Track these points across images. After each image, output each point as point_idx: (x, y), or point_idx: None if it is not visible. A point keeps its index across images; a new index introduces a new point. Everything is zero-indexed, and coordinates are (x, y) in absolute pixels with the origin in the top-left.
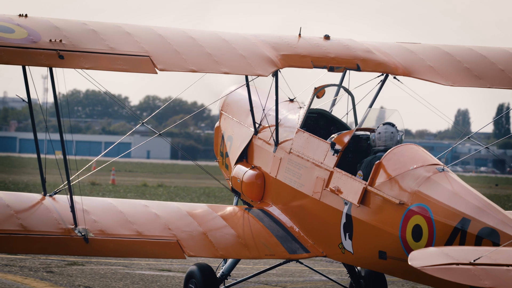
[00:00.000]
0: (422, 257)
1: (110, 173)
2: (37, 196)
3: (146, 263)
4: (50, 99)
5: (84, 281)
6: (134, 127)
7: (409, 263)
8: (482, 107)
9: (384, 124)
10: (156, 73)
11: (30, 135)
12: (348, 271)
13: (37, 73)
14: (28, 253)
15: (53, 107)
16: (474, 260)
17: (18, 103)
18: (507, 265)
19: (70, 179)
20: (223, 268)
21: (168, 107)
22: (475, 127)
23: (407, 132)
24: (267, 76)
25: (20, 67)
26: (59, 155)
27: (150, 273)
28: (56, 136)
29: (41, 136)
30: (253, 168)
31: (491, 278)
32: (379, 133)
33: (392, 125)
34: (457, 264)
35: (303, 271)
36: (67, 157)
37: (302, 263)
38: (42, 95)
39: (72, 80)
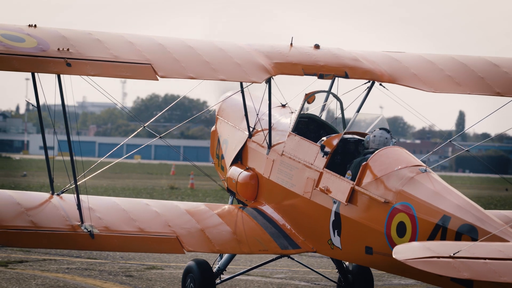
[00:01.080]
0: (405, 251)
1: (189, 178)
2: (46, 195)
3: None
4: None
5: (163, 285)
6: None
7: (394, 256)
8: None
9: (380, 129)
10: (157, 79)
11: (109, 139)
12: (337, 266)
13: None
14: (37, 248)
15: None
16: (454, 254)
17: (97, 107)
18: (484, 259)
19: (77, 178)
20: (219, 263)
21: None
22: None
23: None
24: (261, 82)
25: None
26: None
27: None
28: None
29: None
30: (247, 169)
31: (469, 270)
32: (375, 136)
33: (388, 131)
34: (438, 257)
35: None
36: (74, 157)
37: (293, 259)
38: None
39: (151, 86)
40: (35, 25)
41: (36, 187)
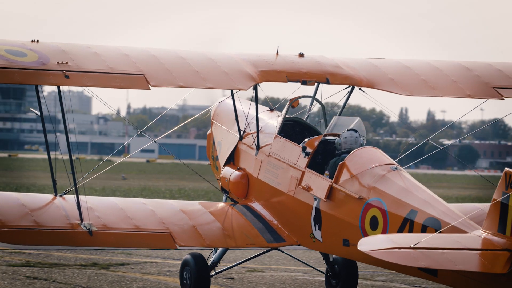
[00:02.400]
0: (369, 243)
1: None
2: (49, 196)
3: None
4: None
5: None
6: None
7: (358, 248)
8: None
9: (348, 130)
10: (149, 89)
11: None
12: (324, 258)
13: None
14: (40, 245)
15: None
16: (414, 245)
17: (197, 110)
18: (442, 249)
19: (77, 181)
20: (214, 256)
21: (347, 113)
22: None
23: None
24: (246, 89)
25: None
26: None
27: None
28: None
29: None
30: (238, 169)
31: (427, 259)
32: (345, 137)
33: (355, 130)
34: (399, 248)
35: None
36: (73, 159)
37: (283, 251)
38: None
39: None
40: (37, 40)
41: (137, 190)
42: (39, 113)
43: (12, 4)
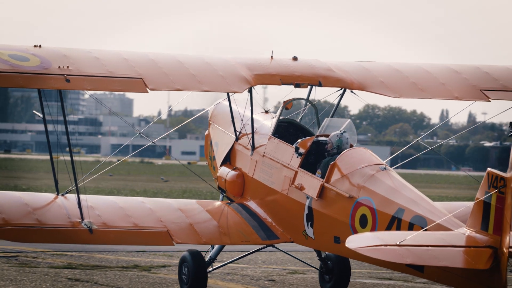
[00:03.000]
0: (357, 240)
1: None
2: (51, 196)
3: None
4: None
5: None
6: None
7: (346, 245)
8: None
9: (341, 131)
10: (148, 92)
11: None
12: (317, 254)
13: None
14: (42, 243)
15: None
16: (400, 242)
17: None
18: (427, 246)
19: (78, 181)
20: (211, 253)
21: (388, 115)
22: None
23: None
24: (241, 92)
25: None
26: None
27: (371, 281)
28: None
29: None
30: (234, 169)
31: (412, 256)
32: (336, 139)
33: (345, 132)
34: (386, 245)
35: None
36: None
37: (277, 248)
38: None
39: None
40: (40, 45)
41: (178, 192)
42: (41, 116)
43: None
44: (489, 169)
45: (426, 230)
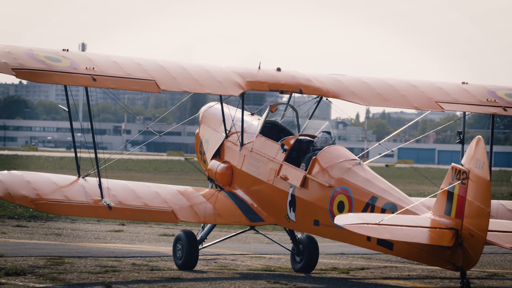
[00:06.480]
0: (344, 219)
1: None
2: (73, 177)
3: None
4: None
5: None
6: None
7: (335, 222)
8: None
9: (323, 132)
10: (160, 92)
11: (448, 147)
12: (291, 238)
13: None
14: (69, 215)
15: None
16: (379, 222)
17: (436, 115)
18: (400, 226)
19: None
20: (202, 233)
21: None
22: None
23: None
24: (237, 96)
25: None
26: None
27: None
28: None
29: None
30: (224, 162)
31: (389, 233)
32: (320, 137)
33: (328, 132)
34: (367, 224)
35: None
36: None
37: (257, 231)
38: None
39: None
40: (67, 49)
41: None
42: (66, 109)
43: None
44: (453, 164)
45: (398, 213)
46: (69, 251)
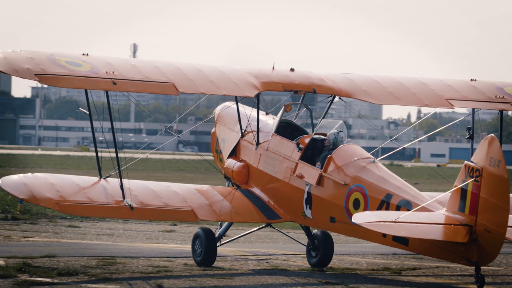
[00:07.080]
0: (361, 217)
1: None
2: (95, 179)
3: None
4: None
5: None
6: None
7: (353, 221)
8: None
9: (337, 131)
10: (178, 94)
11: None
12: (306, 234)
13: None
14: (92, 216)
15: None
16: (395, 219)
17: (488, 114)
18: (416, 223)
19: (120, 166)
20: (219, 231)
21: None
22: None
23: None
24: (253, 96)
25: None
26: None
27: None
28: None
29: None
30: (240, 161)
31: (406, 230)
32: (333, 137)
33: (341, 131)
34: (384, 221)
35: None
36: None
37: (274, 228)
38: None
39: None
40: (87, 54)
41: None
42: (87, 112)
43: None
44: (466, 162)
45: (414, 211)
46: (121, 251)
